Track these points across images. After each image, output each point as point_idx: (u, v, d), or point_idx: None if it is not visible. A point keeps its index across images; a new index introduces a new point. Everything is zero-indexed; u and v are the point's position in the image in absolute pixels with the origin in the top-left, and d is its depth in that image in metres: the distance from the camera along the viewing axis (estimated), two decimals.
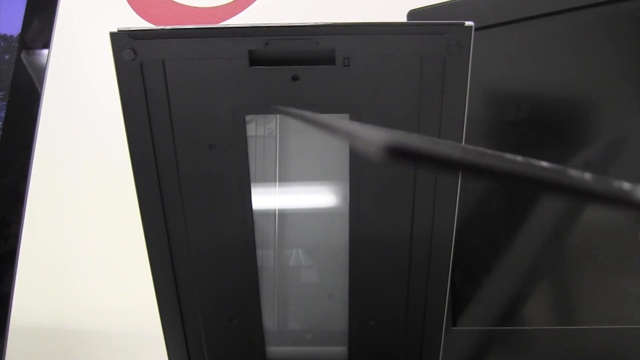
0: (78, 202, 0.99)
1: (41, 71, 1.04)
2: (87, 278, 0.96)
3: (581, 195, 0.16)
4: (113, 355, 0.95)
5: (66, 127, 1.02)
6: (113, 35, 0.51)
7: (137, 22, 1.03)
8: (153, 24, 1.01)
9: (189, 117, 0.56)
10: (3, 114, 1.07)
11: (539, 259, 0.70)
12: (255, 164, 0.62)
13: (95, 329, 0.95)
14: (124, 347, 0.95)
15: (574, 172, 0.18)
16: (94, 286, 0.96)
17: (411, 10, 0.77)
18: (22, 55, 1.10)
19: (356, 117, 0.55)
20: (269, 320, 0.67)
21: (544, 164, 0.19)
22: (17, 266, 0.95)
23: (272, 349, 0.67)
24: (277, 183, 0.64)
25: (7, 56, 1.11)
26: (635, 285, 0.64)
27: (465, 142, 0.47)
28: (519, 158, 0.19)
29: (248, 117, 0.58)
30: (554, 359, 0.66)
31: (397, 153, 0.17)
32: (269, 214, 0.65)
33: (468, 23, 0.50)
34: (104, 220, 0.98)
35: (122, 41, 0.51)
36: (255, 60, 0.53)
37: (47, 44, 1.05)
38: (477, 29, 0.49)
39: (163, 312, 0.66)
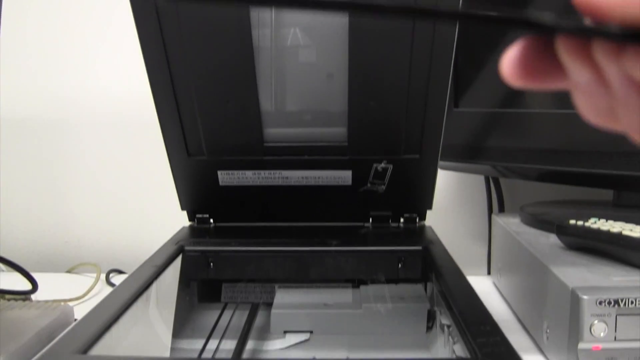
0: None
1: None
2: (77, 64, 0.93)
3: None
4: (108, 143, 0.95)
5: None
6: None
7: None
8: None
9: None
10: None
11: None
12: None
13: (89, 119, 0.94)
14: (119, 135, 0.95)
15: None
16: (84, 73, 0.93)
17: None
18: None
19: None
20: (266, 101, 0.65)
21: None
22: None
23: (270, 131, 0.67)
24: None
25: None
26: None
27: None
28: None
29: None
30: (552, 141, 0.66)
31: None
32: None
33: None
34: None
35: None
36: None
37: None
38: None
39: (157, 97, 0.64)
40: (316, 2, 0.20)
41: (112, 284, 0.82)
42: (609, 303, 0.47)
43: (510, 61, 0.21)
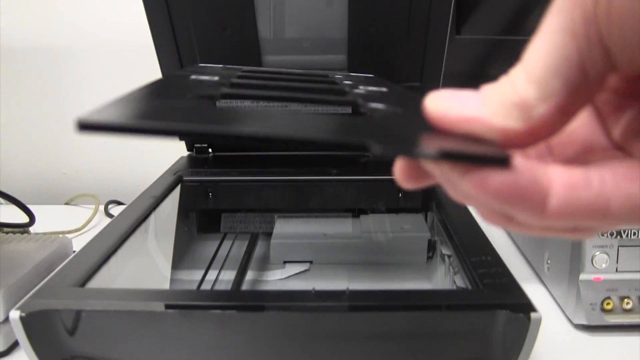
0: None
1: None
2: None
3: None
4: (107, 72, 0.93)
5: None
6: None
7: None
8: None
9: None
10: None
11: None
12: None
13: (85, 45, 0.92)
14: (118, 64, 0.92)
15: None
16: (84, 0, 0.90)
17: None
18: None
19: None
20: (265, 28, 0.63)
21: None
22: None
23: (269, 59, 0.65)
24: None
25: None
26: None
27: None
28: None
29: None
30: None
31: None
32: None
33: None
34: None
35: None
36: None
37: None
38: None
39: (152, 23, 0.62)
40: None
41: (111, 215, 0.82)
42: (611, 234, 0.47)
43: (398, 169, 0.22)
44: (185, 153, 0.73)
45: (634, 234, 0.47)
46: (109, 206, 0.85)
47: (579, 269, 0.48)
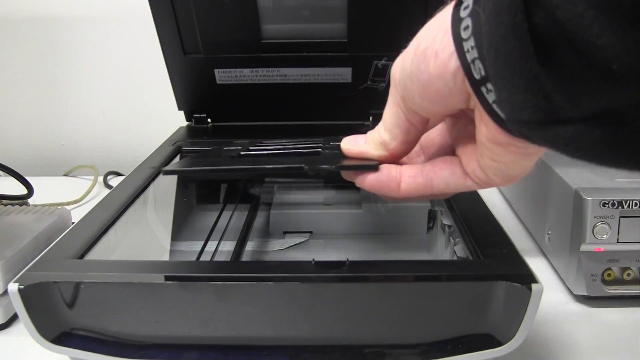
0: None
1: None
2: None
3: None
4: (104, 43, 0.92)
5: None
6: None
7: None
8: None
9: None
10: None
11: None
12: None
13: (83, 15, 0.90)
14: (115, 35, 0.91)
15: None
16: None
17: None
18: None
19: None
20: None
21: None
22: None
23: (268, 27, 0.64)
24: None
25: None
26: None
27: None
28: None
29: None
30: None
31: None
32: None
33: None
34: None
35: None
36: None
37: None
38: None
39: None
40: None
41: (110, 186, 0.81)
42: (613, 205, 0.46)
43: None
44: (184, 123, 0.73)
45: (636, 204, 0.46)
46: (108, 177, 0.84)
47: (580, 240, 0.47)
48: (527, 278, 0.33)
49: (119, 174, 0.86)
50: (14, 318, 0.48)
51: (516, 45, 0.23)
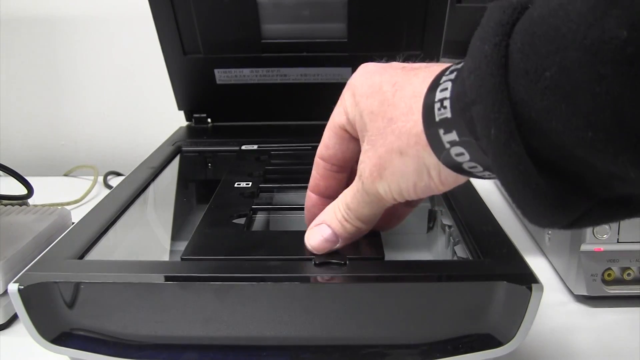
0: None
1: None
2: None
3: None
4: (104, 43, 0.91)
5: None
6: None
7: None
8: None
9: None
10: None
11: None
12: None
13: (85, 14, 0.90)
14: (115, 35, 0.91)
15: None
16: None
17: None
18: None
19: None
20: None
21: None
22: None
23: (268, 27, 0.64)
24: None
25: None
26: None
27: None
28: None
29: None
30: None
31: None
32: None
33: None
34: None
35: None
36: None
37: None
38: None
39: None
40: None
41: (110, 187, 0.81)
42: None
43: None
44: (184, 123, 0.73)
45: None
46: (108, 177, 0.84)
47: (580, 240, 0.47)
48: (527, 278, 0.33)
49: (119, 174, 0.86)
50: (14, 318, 0.47)
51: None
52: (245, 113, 0.73)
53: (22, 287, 0.33)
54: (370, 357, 0.34)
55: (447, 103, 0.27)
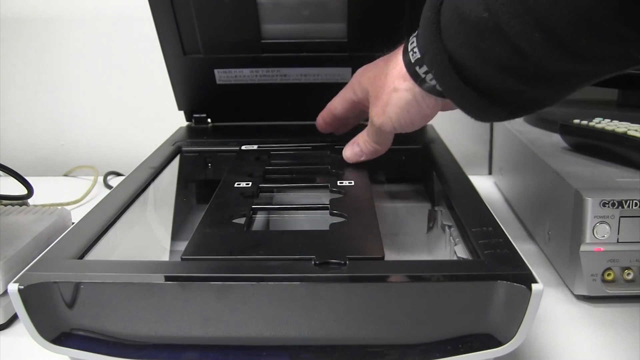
0: None
1: None
2: None
3: None
4: (104, 43, 0.91)
5: None
6: None
7: None
8: None
9: None
10: None
11: None
12: None
13: (85, 14, 0.90)
14: (115, 35, 0.91)
15: None
16: None
17: None
18: None
19: None
20: None
21: None
22: None
23: (268, 27, 0.64)
24: None
25: None
26: None
27: None
28: None
29: None
30: None
31: None
32: None
33: None
34: None
35: None
36: None
37: None
38: None
39: None
40: None
41: (110, 187, 0.81)
42: (613, 205, 0.46)
43: (319, 119, 0.60)
44: (184, 123, 0.73)
45: (636, 204, 0.46)
46: (108, 177, 0.84)
47: (580, 240, 0.47)
48: (527, 278, 0.33)
49: (119, 174, 0.86)
50: (14, 318, 0.47)
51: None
52: (245, 113, 0.73)
53: (22, 287, 0.33)
54: (370, 357, 0.34)
55: (416, 50, 0.42)
